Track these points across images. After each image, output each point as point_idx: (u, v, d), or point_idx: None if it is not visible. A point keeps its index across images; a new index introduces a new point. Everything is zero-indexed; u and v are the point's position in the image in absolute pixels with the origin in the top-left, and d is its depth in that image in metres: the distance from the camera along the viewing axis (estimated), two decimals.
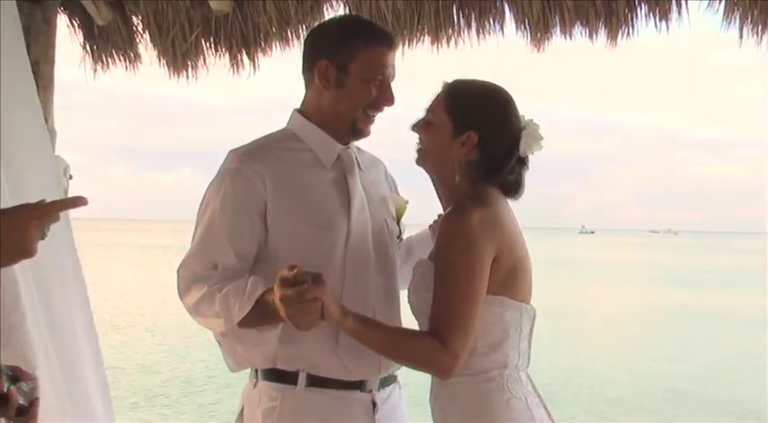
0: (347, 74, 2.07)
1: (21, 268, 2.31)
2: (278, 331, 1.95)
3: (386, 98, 2.09)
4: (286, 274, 1.78)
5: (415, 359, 1.92)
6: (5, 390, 1.31)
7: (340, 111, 2.10)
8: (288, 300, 1.77)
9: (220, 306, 1.94)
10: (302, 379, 2.02)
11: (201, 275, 2.02)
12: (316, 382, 2.02)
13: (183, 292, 2.05)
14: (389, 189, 2.31)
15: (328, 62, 2.07)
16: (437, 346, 1.84)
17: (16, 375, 1.34)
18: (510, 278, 1.93)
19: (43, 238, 1.36)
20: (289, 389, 2.02)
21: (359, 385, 2.06)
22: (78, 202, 1.39)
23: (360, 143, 2.23)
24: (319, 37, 2.18)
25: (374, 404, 2.08)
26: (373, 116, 2.12)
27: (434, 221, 2.27)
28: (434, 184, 2.08)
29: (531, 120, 2.00)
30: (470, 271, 1.85)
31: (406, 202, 2.29)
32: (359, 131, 2.13)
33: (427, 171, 2.07)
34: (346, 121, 2.11)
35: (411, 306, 2.04)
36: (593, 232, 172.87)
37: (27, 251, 1.34)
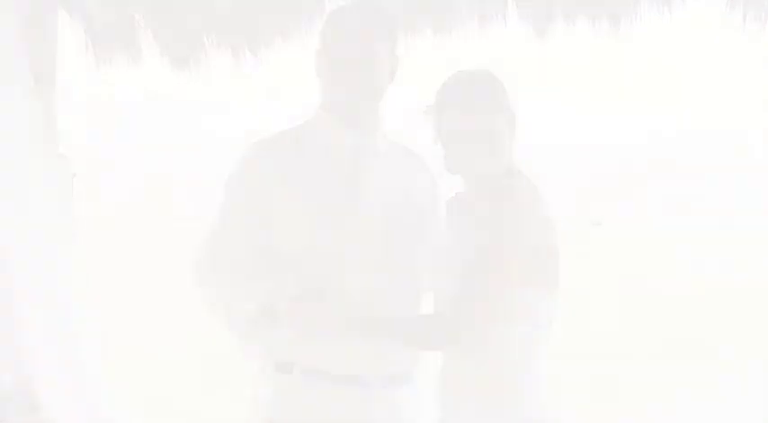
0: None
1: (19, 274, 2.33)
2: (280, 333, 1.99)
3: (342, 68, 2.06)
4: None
5: (419, 337, 1.98)
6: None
7: (323, 93, 2.14)
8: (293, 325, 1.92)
9: (224, 309, 2.03)
10: (298, 369, 2.03)
11: (212, 268, 2.06)
12: (312, 373, 2.03)
13: (194, 284, 2.09)
14: (422, 182, 2.24)
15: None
16: (436, 316, 1.93)
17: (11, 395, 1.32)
18: (553, 268, 1.93)
19: None
20: (284, 378, 2.05)
21: (358, 380, 2.05)
22: None
23: None
24: None
25: (374, 402, 2.06)
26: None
27: (452, 198, 2.22)
28: (473, 179, 2.04)
29: None
30: (517, 251, 1.86)
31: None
32: (346, 111, 2.11)
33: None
34: (332, 103, 2.12)
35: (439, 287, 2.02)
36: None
37: None
